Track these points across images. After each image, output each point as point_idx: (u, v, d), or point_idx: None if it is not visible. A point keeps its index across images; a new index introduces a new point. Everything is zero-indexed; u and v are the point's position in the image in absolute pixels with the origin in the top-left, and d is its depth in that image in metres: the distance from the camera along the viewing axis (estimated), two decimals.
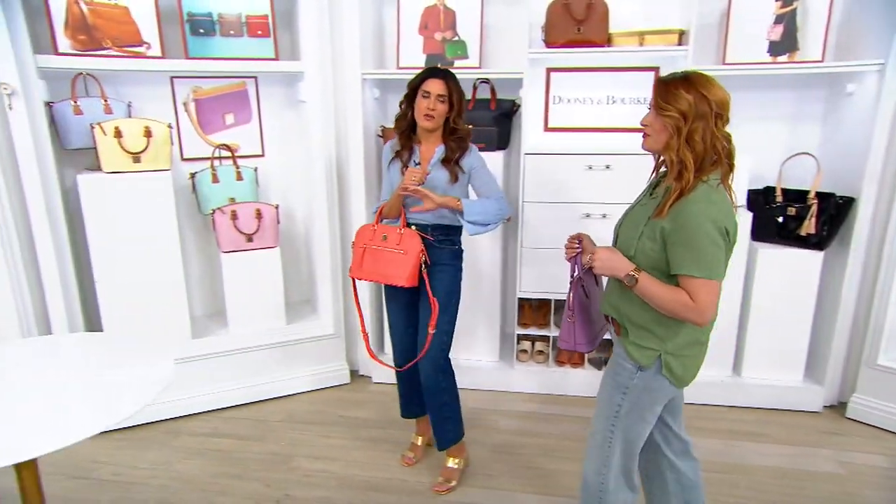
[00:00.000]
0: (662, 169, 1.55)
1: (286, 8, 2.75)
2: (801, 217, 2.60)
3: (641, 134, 1.49)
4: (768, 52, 2.52)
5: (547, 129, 2.89)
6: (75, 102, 2.48)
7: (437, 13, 2.70)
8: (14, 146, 2.30)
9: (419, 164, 2.14)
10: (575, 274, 1.67)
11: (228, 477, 2.35)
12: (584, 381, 2.94)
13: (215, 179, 2.79)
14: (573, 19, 2.54)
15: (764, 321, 2.75)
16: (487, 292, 2.93)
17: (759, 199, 2.72)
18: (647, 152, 1.52)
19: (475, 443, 2.58)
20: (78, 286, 2.57)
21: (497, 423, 2.75)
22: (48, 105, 2.42)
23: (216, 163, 2.80)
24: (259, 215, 2.80)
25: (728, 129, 1.44)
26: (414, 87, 2.09)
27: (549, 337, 3.01)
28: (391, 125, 2.86)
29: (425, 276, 2.08)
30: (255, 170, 2.90)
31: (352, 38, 2.67)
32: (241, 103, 2.92)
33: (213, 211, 2.73)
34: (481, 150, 2.75)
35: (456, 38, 2.72)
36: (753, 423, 2.72)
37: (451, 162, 2.11)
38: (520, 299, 2.92)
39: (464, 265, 2.30)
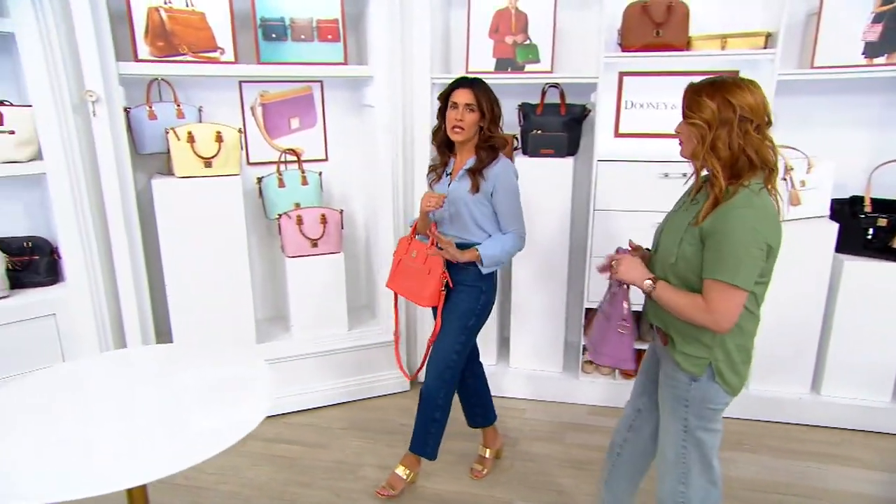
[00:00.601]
0: (704, 172, 1.53)
1: (353, 11, 2.74)
2: (893, 229, 2.46)
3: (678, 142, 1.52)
4: (863, 53, 2.39)
5: (617, 134, 2.81)
6: (150, 107, 2.51)
7: (509, 16, 2.65)
8: (96, 153, 2.33)
9: (450, 174, 2.13)
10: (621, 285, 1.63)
11: (298, 485, 2.34)
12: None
13: (281, 184, 2.79)
14: (652, 22, 2.46)
15: (848, 337, 2.61)
16: (552, 301, 2.87)
17: (845, 210, 2.59)
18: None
19: (540, 456, 2.52)
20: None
21: (562, 436, 2.69)
22: (125, 111, 2.45)
23: (282, 167, 2.81)
24: (324, 220, 2.79)
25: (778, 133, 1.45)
26: (444, 100, 2.06)
27: None
28: None
29: (441, 293, 2.09)
30: (320, 174, 2.90)
31: (422, 41, 2.64)
32: (306, 107, 2.92)
33: (280, 216, 2.73)
34: (550, 156, 2.73)
35: (527, 42, 2.66)
36: (837, 445, 2.59)
37: (474, 172, 2.05)
38: (587, 309, 2.84)
39: (499, 283, 2.33)
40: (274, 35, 2.55)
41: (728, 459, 2.46)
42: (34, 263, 2.44)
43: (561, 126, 2.72)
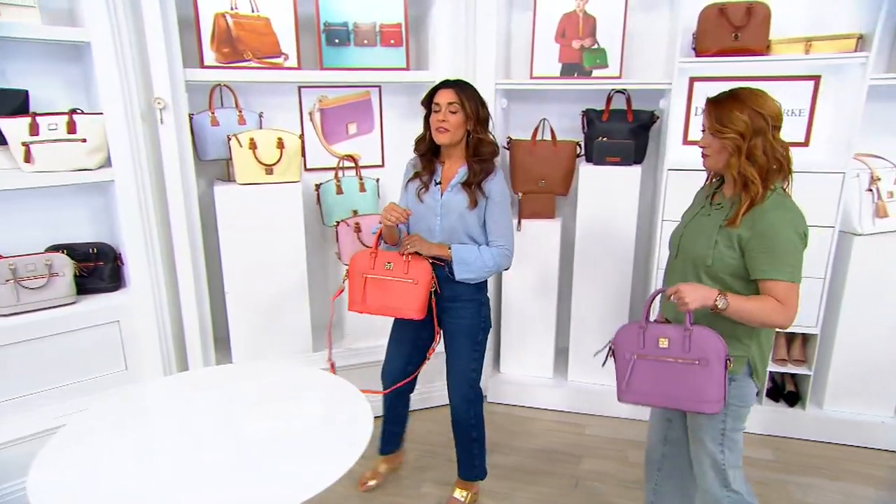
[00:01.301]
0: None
1: (414, 13, 2.68)
2: None
3: (700, 154, 1.55)
4: None
5: (686, 142, 2.70)
6: (213, 113, 2.50)
7: (576, 19, 2.56)
8: (161, 160, 2.32)
9: (440, 183, 2.00)
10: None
11: (358, 499, 2.30)
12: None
13: (339, 191, 2.76)
14: (730, 25, 2.35)
15: None
16: (614, 313, 2.77)
17: None
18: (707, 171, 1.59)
19: (604, 475, 2.44)
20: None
21: (625, 454, 2.59)
22: (189, 117, 2.44)
23: (339, 173, 2.77)
24: None
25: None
26: (427, 104, 1.98)
27: None
28: (518, 136, 2.78)
29: (433, 304, 1.95)
30: (377, 181, 2.85)
31: (487, 46, 2.57)
32: (364, 113, 2.87)
33: (337, 223, 2.69)
34: (616, 163, 2.64)
35: (595, 46, 2.57)
36: None
37: (471, 185, 1.95)
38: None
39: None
40: (337, 40, 2.51)
41: (807, 485, 2.35)
42: (99, 269, 2.45)
43: (628, 133, 2.63)
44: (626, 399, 1.57)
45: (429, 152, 2.03)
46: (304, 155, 2.79)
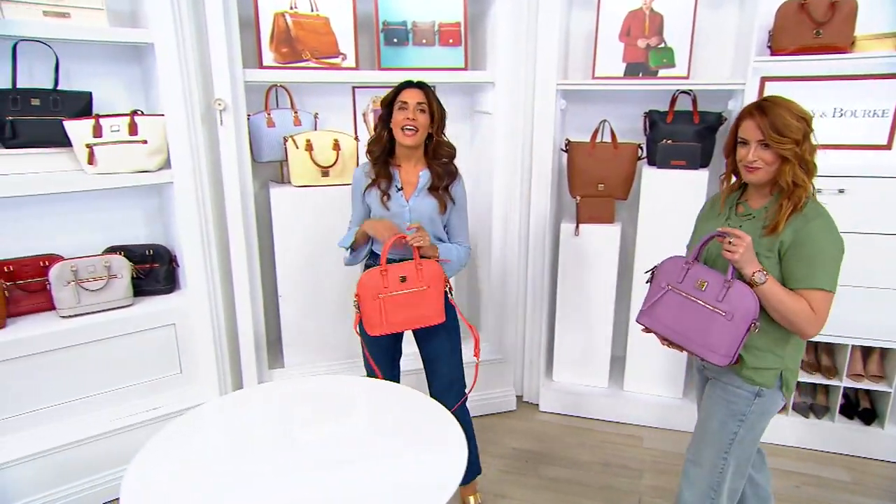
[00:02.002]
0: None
1: (472, 13, 2.61)
2: None
3: (746, 169, 1.48)
4: None
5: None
6: (269, 114, 2.46)
7: (642, 17, 2.46)
8: (219, 162, 2.29)
9: (401, 189, 1.95)
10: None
11: None
12: (790, 430, 2.60)
13: None
14: (812, 22, 2.22)
15: None
16: None
17: None
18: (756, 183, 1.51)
19: (668, 491, 2.33)
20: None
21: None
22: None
23: None
24: None
25: None
26: (389, 103, 1.91)
27: None
28: (576, 138, 2.69)
29: (452, 301, 1.96)
30: None
31: (548, 45, 2.49)
32: None
33: None
34: (681, 167, 2.53)
35: (662, 45, 2.47)
36: None
37: (438, 189, 1.94)
38: None
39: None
40: (395, 39, 2.46)
41: None
42: (154, 272, 2.44)
43: (694, 135, 2.52)
44: (642, 321, 1.62)
45: (383, 156, 1.96)
46: (357, 156, 2.74)
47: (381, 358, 2.03)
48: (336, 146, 2.45)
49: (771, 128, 1.41)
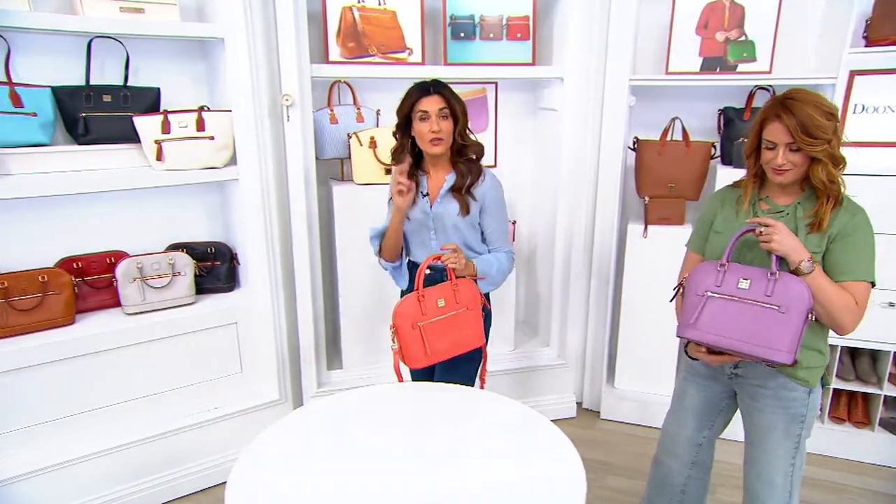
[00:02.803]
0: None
1: (541, 6, 2.52)
2: None
3: (774, 172, 1.42)
4: None
5: (842, 143, 2.43)
6: (332, 111, 2.42)
7: (721, 10, 2.35)
8: (284, 158, 2.26)
9: (427, 195, 1.84)
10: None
11: None
12: (872, 445, 2.46)
13: None
14: None
15: None
16: None
17: None
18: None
19: None
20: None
21: None
22: None
23: None
24: None
25: None
26: (406, 114, 1.78)
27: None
28: (644, 136, 2.58)
29: (487, 306, 1.87)
30: None
31: (622, 40, 2.39)
32: (479, 110, 2.74)
33: None
34: None
35: (742, 38, 2.35)
36: None
37: (460, 191, 1.81)
38: None
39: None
40: (462, 34, 2.39)
41: None
42: (215, 269, 2.41)
43: None
44: (689, 335, 1.47)
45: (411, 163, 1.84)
46: None
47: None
48: None
49: (801, 130, 1.33)
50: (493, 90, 2.72)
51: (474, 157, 1.84)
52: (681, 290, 1.54)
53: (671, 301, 1.62)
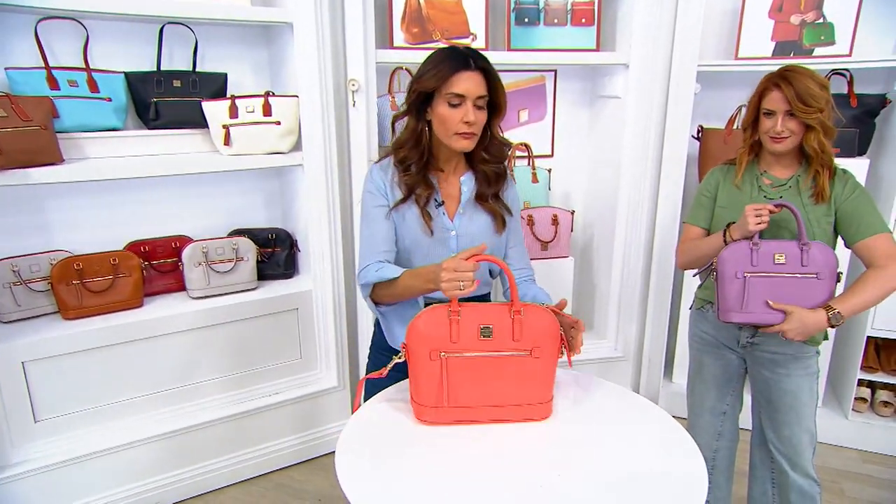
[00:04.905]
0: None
1: None
2: None
3: (772, 140, 1.52)
4: None
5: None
6: (393, 97, 2.40)
7: None
8: (348, 145, 2.25)
9: (442, 204, 1.39)
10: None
11: None
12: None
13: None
14: None
15: None
16: None
17: None
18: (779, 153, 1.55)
19: None
20: None
21: (840, 485, 2.28)
22: None
23: (512, 163, 2.61)
24: (555, 221, 2.56)
25: None
26: (430, 90, 1.30)
27: None
28: (710, 125, 2.51)
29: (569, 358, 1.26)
30: (549, 171, 2.67)
31: (690, 25, 2.31)
32: (537, 99, 2.70)
33: None
34: (836, 155, 2.29)
35: (820, 21, 2.26)
36: None
37: (488, 199, 1.40)
38: (869, 337, 2.39)
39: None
40: (527, 19, 2.35)
41: None
42: (276, 256, 2.42)
43: (851, 120, 2.29)
44: (735, 319, 1.52)
45: (422, 157, 1.37)
46: None
47: None
48: None
49: (797, 98, 1.44)
50: (551, 78, 2.68)
51: (502, 158, 1.44)
52: (712, 272, 1.56)
53: (694, 276, 1.72)
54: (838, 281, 1.48)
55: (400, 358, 1.20)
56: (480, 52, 1.34)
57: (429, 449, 1.15)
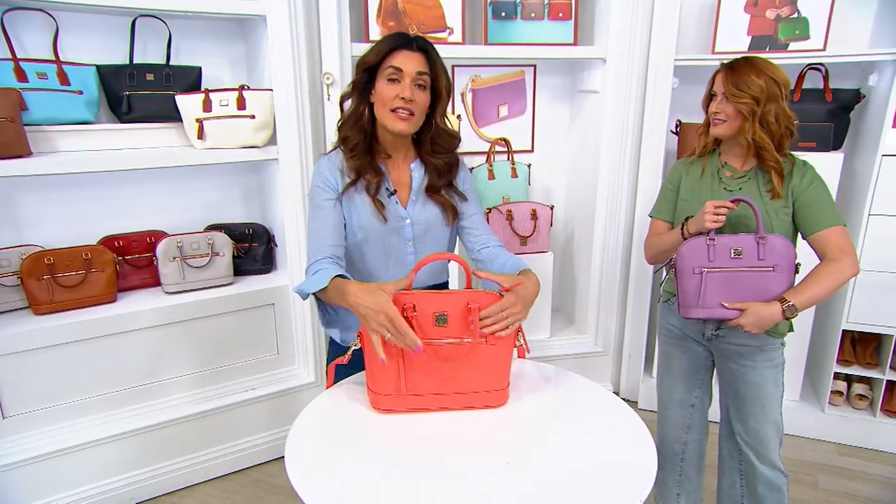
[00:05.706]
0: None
1: None
2: None
3: (712, 122, 1.55)
4: None
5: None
6: None
7: None
8: (323, 138, 2.24)
9: (394, 192, 1.37)
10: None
11: None
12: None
13: (491, 176, 2.59)
14: None
15: None
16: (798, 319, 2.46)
17: None
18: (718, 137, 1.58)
19: (797, 501, 2.15)
20: None
21: (814, 478, 2.29)
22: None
23: (492, 158, 2.61)
24: (534, 216, 2.56)
25: None
26: (371, 68, 1.30)
27: (874, 379, 2.47)
28: (688, 119, 2.51)
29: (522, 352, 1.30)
30: (529, 166, 2.67)
31: (667, 19, 2.33)
32: (516, 93, 2.70)
33: (489, 210, 2.54)
34: (811, 149, 2.32)
35: (794, 15, 2.27)
36: None
37: (438, 190, 1.39)
38: (844, 331, 2.40)
39: None
40: (503, 13, 2.35)
41: None
42: (253, 251, 2.41)
43: (825, 115, 2.31)
44: (697, 315, 1.53)
45: (363, 144, 1.35)
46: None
47: None
48: None
49: (731, 82, 1.47)
50: (531, 73, 2.69)
51: (451, 149, 1.42)
52: (671, 267, 1.57)
53: (655, 272, 1.77)
54: (797, 272, 1.49)
55: (356, 345, 1.19)
56: (420, 36, 1.34)
57: (381, 437, 1.16)
